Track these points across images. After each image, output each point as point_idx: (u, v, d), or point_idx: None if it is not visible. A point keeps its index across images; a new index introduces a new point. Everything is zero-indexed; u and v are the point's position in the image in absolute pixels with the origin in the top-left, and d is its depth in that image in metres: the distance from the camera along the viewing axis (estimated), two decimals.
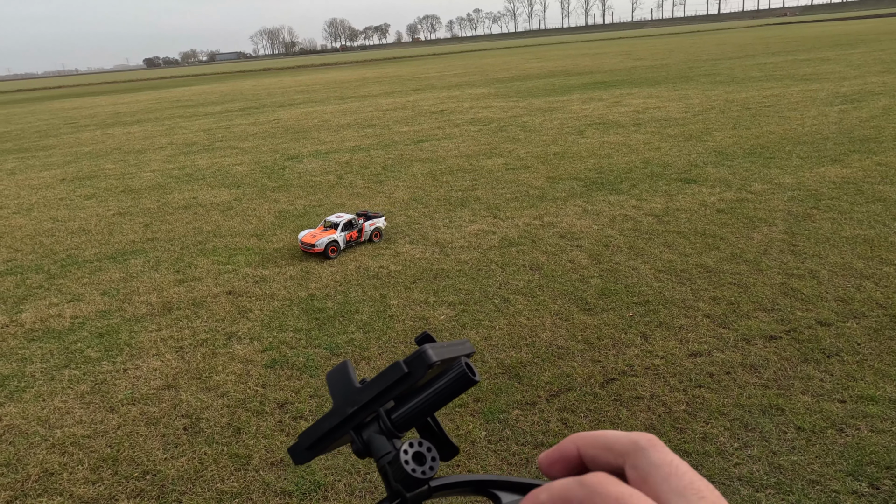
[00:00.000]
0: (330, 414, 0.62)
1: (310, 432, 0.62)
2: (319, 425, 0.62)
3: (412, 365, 0.58)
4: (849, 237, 4.77)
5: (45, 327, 4.36)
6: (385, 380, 0.59)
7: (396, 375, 0.58)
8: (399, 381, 0.59)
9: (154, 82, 55.93)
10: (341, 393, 0.61)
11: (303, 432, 0.63)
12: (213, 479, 2.67)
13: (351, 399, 0.61)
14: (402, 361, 0.58)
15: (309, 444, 0.63)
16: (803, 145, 7.97)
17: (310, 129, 13.64)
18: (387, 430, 0.60)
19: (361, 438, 0.61)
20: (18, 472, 2.81)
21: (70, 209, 7.93)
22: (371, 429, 0.61)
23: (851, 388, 2.91)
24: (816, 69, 17.12)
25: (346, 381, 0.62)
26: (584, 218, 5.80)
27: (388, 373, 0.59)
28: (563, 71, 25.12)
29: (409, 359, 0.58)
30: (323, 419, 0.62)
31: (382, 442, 0.60)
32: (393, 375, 0.59)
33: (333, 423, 0.61)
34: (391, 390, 0.59)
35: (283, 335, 3.93)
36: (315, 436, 0.62)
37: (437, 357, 0.58)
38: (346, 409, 0.60)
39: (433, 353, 0.58)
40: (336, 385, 0.63)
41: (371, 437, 0.60)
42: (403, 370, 0.58)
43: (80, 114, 24.21)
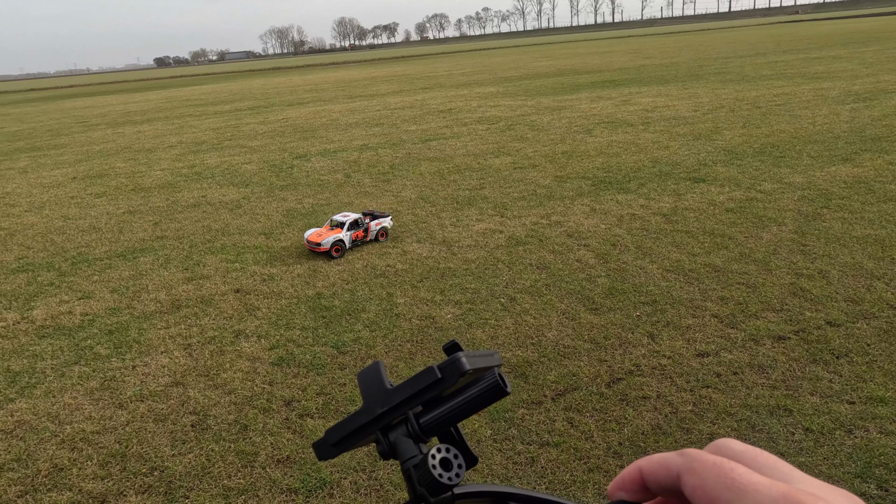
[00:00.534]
0: (359, 412, 0.62)
1: (337, 429, 0.63)
2: (347, 423, 0.62)
3: (446, 371, 0.58)
4: (860, 237, 4.73)
5: (56, 324, 4.40)
6: (417, 383, 0.59)
7: (429, 380, 0.59)
8: (431, 386, 0.59)
9: (164, 81, 56.30)
10: (372, 392, 0.62)
11: (329, 428, 0.63)
12: (220, 476, 2.69)
13: (381, 399, 0.61)
14: (435, 367, 0.59)
15: (335, 441, 0.63)
16: (814, 144, 7.90)
17: (318, 128, 13.68)
18: (414, 433, 0.60)
19: (388, 440, 0.61)
20: (29, 467, 2.84)
21: (81, 207, 8.01)
22: (398, 431, 0.61)
23: (861, 389, 2.89)
24: (828, 67, 16.96)
25: (378, 381, 0.62)
26: (592, 217, 5.78)
27: (421, 377, 0.59)
28: (572, 69, 25.03)
29: (443, 365, 0.59)
30: (351, 417, 0.62)
31: (409, 445, 0.60)
32: (426, 380, 0.59)
33: (362, 421, 0.61)
34: (422, 394, 0.59)
35: (290, 333, 3.95)
36: (342, 433, 0.62)
37: (471, 366, 0.58)
38: (375, 408, 0.61)
39: (467, 361, 0.58)
40: (367, 384, 0.63)
41: (398, 440, 0.61)
42: (437, 375, 0.58)
43: (92, 113, 24.41)
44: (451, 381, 0.58)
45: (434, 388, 0.59)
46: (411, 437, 0.60)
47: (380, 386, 0.62)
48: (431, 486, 0.56)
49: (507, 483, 2.50)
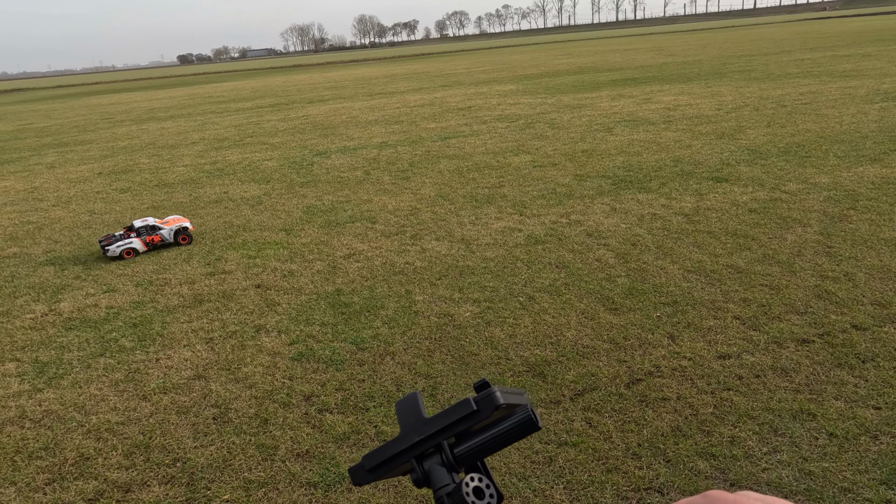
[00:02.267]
0: (396, 440, 0.64)
1: (373, 455, 0.65)
2: (384, 450, 0.64)
3: (481, 404, 0.61)
4: (887, 239, 4.63)
5: (82, 317, 4.49)
6: (453, 414, 0.61)
7: (465, 412, 0.61)
8: (466, 418, 0.61)
9: (187, 78, 57.03)
10: (409, 421, 0.64)
11: (366, 454, 0.65)
12: (240, 468, 2.73)
13: (418, 428, 0.63)
14: (471, 399, 0.61)
15: (371, 467, 0.65)
16: (841, 144, 7.75)
17: (338, 126, 13.76)
18: (448, 463, 0.62)
19: (423, 468, 0.63)
20: (56, 456, 2.91)
21: (106, 202, 8.16)
22: (432, 460, 0.63)
23: (887, 394, 2.83)
24: (856, 65, 16.59)
25: (415, 410, 0.65)
26: (612, 216, 5.74)
27: (457, 408, 0.61)
28: (593, 67, 24.83)
29: (479, 398, 0.61)
30: (388, 444, 0.64)
31: (443, 474, 0.62)
32: (461, 411, 0.61)
33: (398, 448, 0.63)
34: (457, 425, 0.61)
35: (309, 329, 3.99)
36: (378, 459, 0.64)
37: (504, 400, 0.61)
38: (412, 436, 0.63)
39: (501, 395, 0.60)
40: (404, 413, 0.66)
41: (432, 468, 0.62)
42: (472, 408, 0.60)
43: (117, 109, 24.83)
44: (486, 413, 0.60)
45: (469, 420, 0.61)
46: (445, 466, 0.62)
47: (417, 415, 0.64)
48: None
49: (524, 482, 2.50)
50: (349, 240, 5.72)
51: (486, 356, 3.47)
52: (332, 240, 5.77)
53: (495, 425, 0.62)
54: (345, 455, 2.75)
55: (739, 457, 2.52)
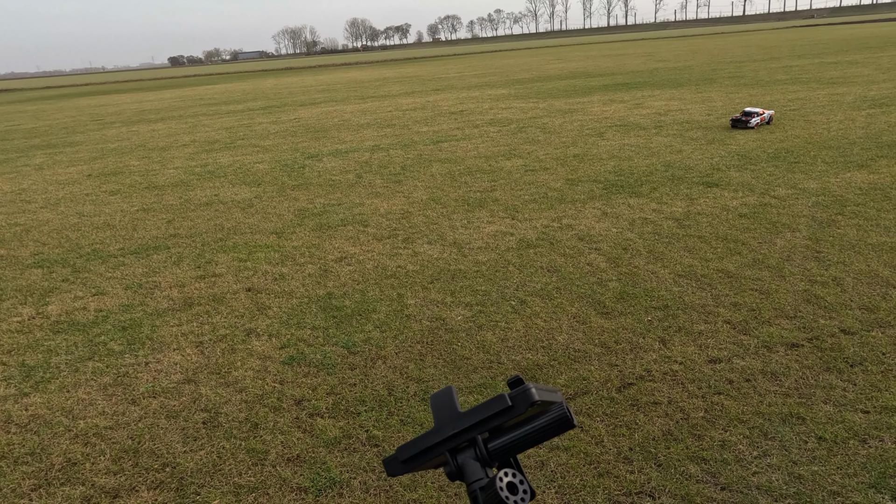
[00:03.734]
0: (430, 433, 0.64)
1: (408, 447, 0.65)
2: (418, 442, 0.65)
3: (516, 400, 0.61)
4: (875, 244, 4.68)
5: (70, 320, 4.45)
6: (488, 409, 0.62)
7: (499, 407, 0.61)
8: (501, 413, 0.61)
9: (178, 80, 56.76)
10: (444, 415, 0.65)
11: (400, 446, 0.66)
12: (230, 473, 2.71)
13: (453, 422, 0.63)
14: (507, 395, 0.61)
15: (405, 459, 0.65)
16: (829, 150, 7.83)
17: (330, 128, 13.74)
18: (482, 457, 0.63)
19: (456, 461, 0.63)
20: (42, 461, 2.88)
21: (95, 204, 8.09)
22: (466, 454, 0.63)
23: (875, 398, 2.86)
24: (844, 72, 16.80)
25: (450, 404, 0.65)
26: (603, 221, 5.77)
27: (492, 403, 0.62)
28: (584, 72, 24.96)
29: (514, 394, 0.61)
30: (423, 437, 0.64)
31: (476, 468, 0.62)
32: (496, 406, 0.61)
33: (433, 441, 0.64)
34: (492, 420, 0.62)
35: (300, 332, 3.97)
36: (412, 451, 0.65)
37: (539, 397, 0.61)
38: (446, 430, 0.63)
39: (536, 392, 0.61)
40: (439, 407, 0.66)
41: (466, 462, 0.63)
42: (507, 403, 0.61)
43: (107, 111, 24.66)
44: (520, 410, 0.61)
45: (503, 416, 0.61)
46: (479, 461, 0.62)
47: (452, 409, 0.65)
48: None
49: None
50: (341, 243, 5.71)
51: (478, 360, 3.47)
52: (323, 243, 5.75)
53: (530, 422, 0.63)
54: (336, 460, 2.74)
55: (730, 461, 2.53)
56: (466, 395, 3.13)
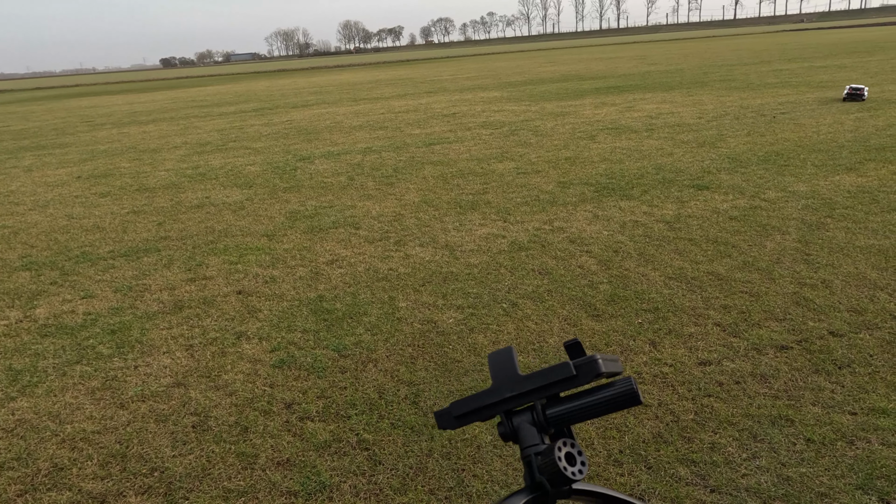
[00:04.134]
0: (487, 392, 0.62)
1: (462, 403, 0.63)
2: (474, 399, 0.62)
3: (581, 370, 0.58)
4: (863, 247, 4.72)
5: (59, 323, 4.41)
6: (550, 376, 0.59)
7: (563, 375, 0.59)
8: (563, 382, 0.59)
9: (170, 82, 56.50)
10: (503, 375, 0.62)
11: (455, 402, 0.64)
12: (220, 478, 2.69)
13: (512, 384, 0.61)
14: (571, 363, 0.59)
15: (459, 414, 0.63)
16: (818, 153, 7.90)
17: (322, 130, 13.72)
18: (539, 423, 0.61)
19: (511, 423, 0.61)
20: (29, 466, 2.85)
21: (85, 206, 8.03)
22: (522, 417, 0.61)
23: (863, 400, 2.88)
24: (833, 76, 16.95)
25: (510, 365, 0.63)
26: (595, 223, 5.78)
27: (556, 370, 0.59)
28: (577, 75, 25.06)
29: (579, 363, 0.59)
30: (479, 395, 0.62)
31: (532, 433, 0.61)
32: (559, 374, 0.59)
33: (489, 401, 0.61)
34: (552, 387, 0.60)
35: (291, 335, 3.95)
36: (468, 408, 0.62)
37: (605, 369, 0.59)
38: (504, 391, 0.61)
39: (602, 363, 0.58)
40: (498, 366, 0.63)
41: (521, 426, 0.61)
42: (571, 372, 0.58)
43: (97, 112, 24.51)
44: (584, 380, 0.58)
45: (565, 385, 0.59)
46: (535, 426, 0.61)
47: (511, 371, 0.62)
48: (554, 476, 0.56)
49: (507, 490, 2.50)
50: (332, 245, 5.69)
51: (470, 363, 3.46)
52: (314, 245, 5.74)
53: (593, 392, 0.60)
54: (326, 463, 2.72)
55: (720, 463, 2.54)
56: (457, 398, 3.13)
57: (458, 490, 2.51)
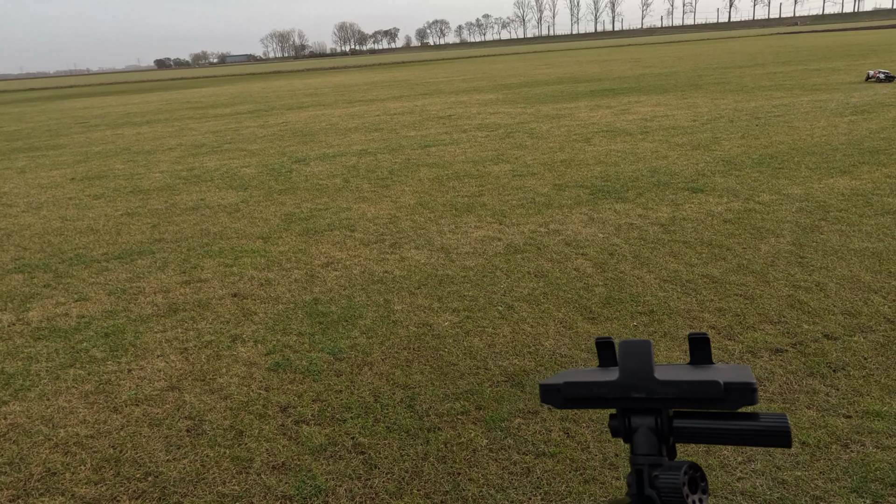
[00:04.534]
0: (610, 383, 0.56)
1: (578, 387, 0.58)
2: (592, 387, 0.57)
3: (732, 395, 0.53)
4: (857, 250, 4.74)
5: (52, 326, 4.38)
6: (694, 391, 0.54)
7: (709, 395, 0.53)
8: (706, 401, 0.54)
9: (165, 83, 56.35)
10: (633, 370, 0.56)
11: (569, 382, 0.58)
12: (214, 482, 2.67)
13: (643, 385, 0.56)
14: (722, 383, 0.52)
15: (571, 398, 0.58)
16: (812, 156, 7.93)
17: (317, 132, 13.70)
18: (661, 432, 0.56)
19: (629, 423, 0.56)
20: (21, 471, 2.82)
21: (79, 208, 7.99)
22: (644, 420, 0.56)
23: (857, 403, 2.89)
24: (827, 79, 17.05)
25: (646, 362, 0.57)
26: (590, 226, 5.79)
27: (701, 386, 0.53)
28: (572, 77, 25.12)
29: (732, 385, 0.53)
30: (598, 383, 0.57)
31: (651, 442, 0.55)
32: (705, 392, 0.53)
33: (609, 395, 0.57)
34: (690, 403, 0.54)
35: (286, 338, 3.94)
36: (582, 394, 0.58)
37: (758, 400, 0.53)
38: (631, 391, 0.56)
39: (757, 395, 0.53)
40: (630, 357, 0.57)
41: (640, 429, 0.56)
42: (721, 395, 0.53)
43: (91, 113, 24.40)
44: (732, 406, 0.53)
45: (708, 404, 0.53)
46: (656, 435, 0.55)
47: (646, 368, 0.56)
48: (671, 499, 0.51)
49: (502, 494, 2.49)
50: (328, 248, 5.68)
51: (465, 366, 3.46)
52: (310, 248, 5.72)
53: (736, 417, 0.55)
54: (321, 467, 2.71)
55: (715, 466, 2.55)
56: (454, 402, 3.13)
57: (453, 494, 2.51)
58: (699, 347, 0.60)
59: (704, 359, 0.60)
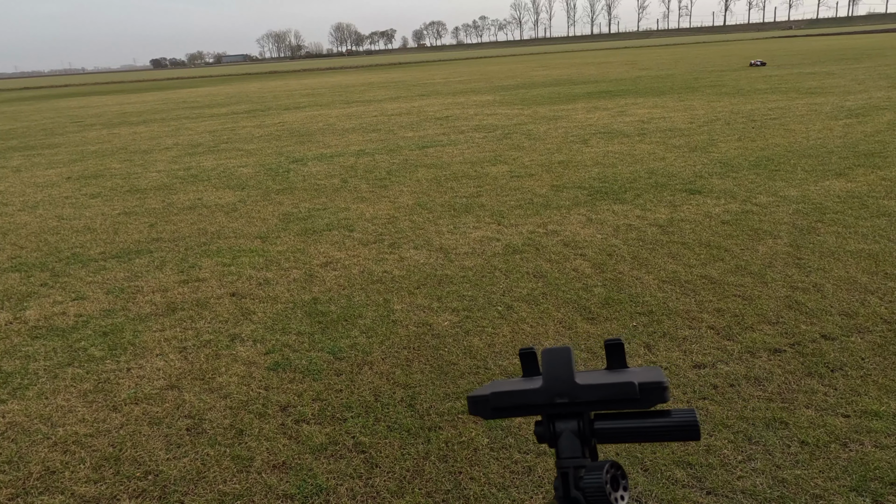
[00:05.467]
0: (534, 391, 0.58)
1: (504, 396, 0.59)
2: (518, 395, 0.59)
3: (647, 394, 0.55)
4: (853, 251, 4.77)
5: (49, 325, 4.36)
6: (610, 392, 0.56)
7: (625, 395, 0.56)
8: (623, 402, 0.56)
9: (161, 83, 56.19)
10: (555, 377, 0.58)
11: (497, 392, 0.60)
12: (215, 481, 2.67)
13: (565, 390, 0.58)
14: (637, 383, 0.55)
15: (498, 406, 0.60)
16: (808, 158, 7.98)
17: (315, 133, 13.69)
18: (584, 435, 0.58)
19: (553, 428, 0.58)
20: (20, 470, 2.81)
21: (75, 207, 7.96)
22: (567, 424, 0.58)
23: (855, 402, 2.90)
24: (821, 83, 17.14)
25: (566, 368, 0.59)
26: (588, 227, 5.81)
27: (618, 388, 0.56)
28: (568, 79, 25.18)
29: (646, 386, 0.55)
30: (524, 392, 0.59)
31: (575, 445, 0.58)
32: (622, 393, 0.56)
33: (534, 401, 0.59)
34: (609, 405, 0.57)
35: (286, 338, 3.94)
36: (508, 402, 0.59)
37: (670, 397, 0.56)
38: (554, 396, 0.58)
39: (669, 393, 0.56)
40: (552, 365, 0.59)
41: (564, 433, 0.58)
42: (635, 395, 0.55)
43: (87, 113, 24.31)
44: (647, 405, 0.55)
45: (625, 405, 0.56)
46: (578, 437, 0.58)
47: (567, 374, 0.58)
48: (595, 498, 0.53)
49: (504, 492, 2.50)
50: (326, 248, 5.68)
51: (465, 365, 3.46)
52: (308, 248, 5.72)
53: (649, 416, 0.57)
54: (322, 466, 2.71)
55: (715, 465, 2.56)
56: (454, 401, 3.13)
57: (455, 493, 2.51)
58: (615, 352, 0.63)
59: (620, 363, 0.63)
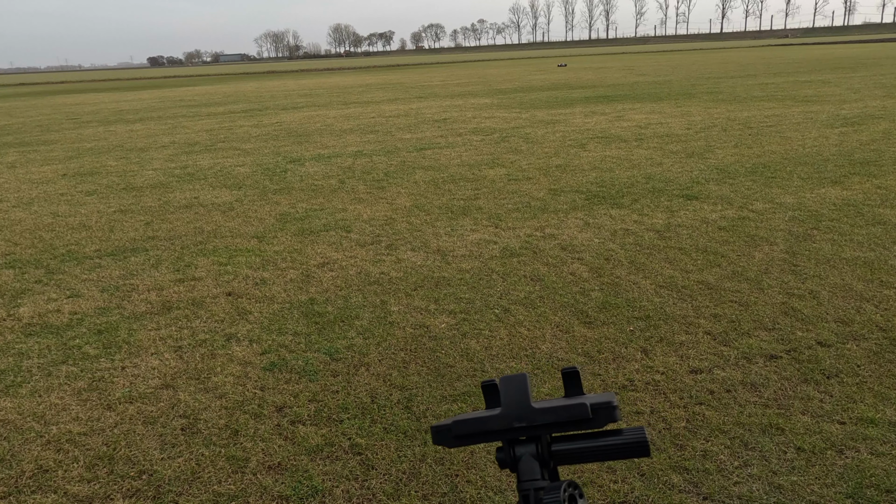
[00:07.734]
0: (494, 417, 0.61)
1: (465, 423, 0.62)
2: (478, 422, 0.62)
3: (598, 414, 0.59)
4: (849, 259, 4.79)
5: (43, 322, 4.33)
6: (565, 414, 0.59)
7: (579, 416, 0.58)
8: (577, 423, 0.59)
9: (157, 81, 56.03)
10: (513, 403, 0.62)
11: (458, 420, 0.62)
12: (210, 481, 2.65)
13: (523, 414, 0.61)
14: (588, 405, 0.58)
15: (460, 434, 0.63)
16: (804, 166, 8.02)
17: (312, 133, 13.67)
18: (542, 457, 0.60)
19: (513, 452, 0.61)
20: (12, 468, 2.79)
21: (71, 205, 7.92)
22: (525, 448, 0.61)
23: (851, 409, 2.91)
24: (817, 91, 17.25)
25: (523, 394, 0.62)
26: (586, 231, 5.82)
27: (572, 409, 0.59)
28: (566, 84, 25.25)
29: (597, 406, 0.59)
30: (484, 418, 0.62)
31: (534, 468, 0.60)
32: (575, 414, 0.59)
33: (494, 427, 0.61)
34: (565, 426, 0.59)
35: (282, 338, 3.92)
36: (471, 430, 0.62)
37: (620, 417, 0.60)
38: (513, 421, 0.61)
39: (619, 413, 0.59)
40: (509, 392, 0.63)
41: (524, 457, 0.61)
42: (588, 415, 0.58)
43: (83, 110, 24.21)
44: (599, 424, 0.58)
45: (578, 425, 0.59)
46: (537, 460, 0.60)
47: (523, 400, 0.62)
48: None
49: (501, 496, 2.49)
50: (323, 248, 5.67)
51: (462, 368, 3.46)
52: (305, 248, 5.70)
53: (602, 436, 0.60)
54: (318, 468, 2.70)
55: (712, 470, 2.56)
56: (451, 404, 3.12)
57: (451, 496, 2.50)
58: (571, 380, 0.66)
59: (576, 390, 0.66)
